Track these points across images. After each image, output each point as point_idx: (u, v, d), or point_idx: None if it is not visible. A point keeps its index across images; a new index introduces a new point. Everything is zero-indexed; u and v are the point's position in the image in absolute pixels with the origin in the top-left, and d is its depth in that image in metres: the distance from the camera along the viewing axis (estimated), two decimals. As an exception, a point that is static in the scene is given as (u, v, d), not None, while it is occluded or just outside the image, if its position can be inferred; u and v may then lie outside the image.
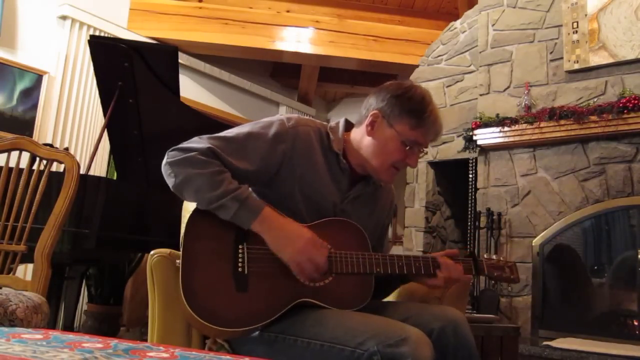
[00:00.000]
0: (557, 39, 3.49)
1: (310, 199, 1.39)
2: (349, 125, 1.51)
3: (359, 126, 1.47)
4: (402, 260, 1.39)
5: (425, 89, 1.46)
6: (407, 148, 1.40)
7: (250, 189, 1.36)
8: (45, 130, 3.98)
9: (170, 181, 1.31)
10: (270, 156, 1.35)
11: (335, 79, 6.07)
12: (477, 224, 3.63)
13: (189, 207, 1.40)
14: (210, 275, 1.25)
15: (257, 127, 1.39)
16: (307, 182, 1.39)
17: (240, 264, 1.27)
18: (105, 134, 2.87)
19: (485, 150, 3.68)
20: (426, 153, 1.48)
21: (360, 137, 1.45)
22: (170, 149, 1.32)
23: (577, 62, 3.35)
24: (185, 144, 1.32)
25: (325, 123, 1.51)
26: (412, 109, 1.39)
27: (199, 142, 1.31)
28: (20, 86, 3.90)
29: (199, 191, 1.27)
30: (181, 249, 1.26)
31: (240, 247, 1.28)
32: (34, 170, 1.83)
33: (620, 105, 3.04)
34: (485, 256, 1.54)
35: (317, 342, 1.20)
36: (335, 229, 1.38)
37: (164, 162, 1.31)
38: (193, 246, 1.27)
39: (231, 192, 1.26)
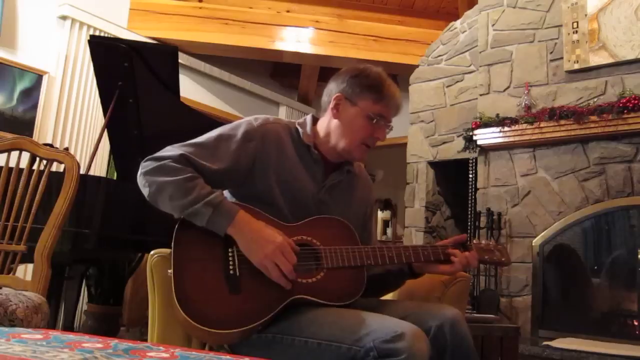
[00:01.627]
0: (557, 39, 3.49)
1: (288, 193, 1.41)
2: (316, 121, 1.55)
3: (324, 114, 1.51)
4: (392, 251, 1.41)
5: (379, 68, 1.51)
6: (374, 122, 1.44)
7: (223, 194, 1.38)
8: (45, 130, 3.98)
9: (145, 191, 1.32)
10: (241, 155, 1.38)
11: (335, 79, 6.06)
12: (477, 224, 3.63)
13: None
14: (203, 280, 1.26)
15: (227, 129, 1.42)
16: (283, 176, 1.41)
17: (231, 267, 1.28)
18: (105, 134, 2.87)
19: (485, 150, 3.68)
20: (391, 128, 1.52)
21: (327, 122, 1.49)
22: (144, 159, 1.34)
23: (577, 62, 3.35)
24: (158, 153, 1.34)
25: (293, 120, 1.54)
26: (371, 85, 1.45)
27: (171, 150, 1.34)
28: (20, 86, 3.90)
29: (172, 198, 1.28)
30: (171, 258, 1.27)
31: (230, 249, 1.29)
32: (34, 170, 1.82)
33: (620, 105, 3.04)
34: (475, 241, 1.56)
35: (314, 341, 1.21)
36: (322, 226, 1.40)
37: (138, 173, 1.33)
38: (183, 254, 1.28)
39: (204, 197, 1.27)
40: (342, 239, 1.41)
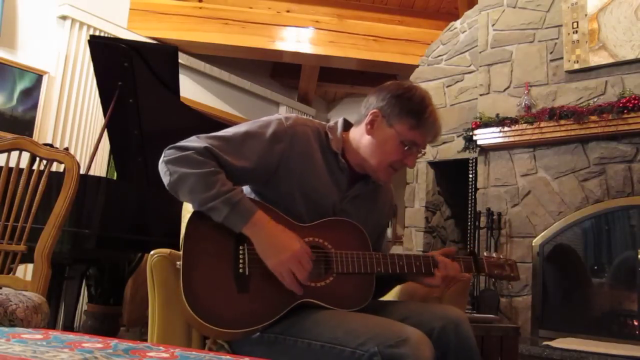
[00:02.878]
0: (557, 39, 3.49)
1: (309, 199, 1.38)
2: (347, 125, 1.51)
3: (358, 125, 1.46)
4: (402, 260, 1.39)
5: (425, 90, 1.46)
6: (406, 148, 1.40)
7: (244, 191, 1.35)
8: (45, 130, 3.98)
9: (165, 180, 1.31)
10: (267, 155, 1.35)
11: (335, 79, 6.07)
12: (477, 224, 3.63)
13: (189, 207, 1.40)
14: (211, 276, 1.24)
15: (255, 126, 1.38)
16: (306, 181, 1.38)
17: (241, 265, 1.26)
18: (105, 134, 2.87)
19: (485, 150, 3.68)
20: (424, 154, 1.50)
21: (360, 136, 1.45)
22: (168, 147, 1.32)
23: (577, 62, 3.35)
24: (182, 143, 1.32)
25: (324, 123, 1.51)
26: (412, 110, 1.39)
27: (196, 141, 1.31)
28: (20, 86, 3.90)
29: (192, 191, 1.26)
30: (182, 251, 1.26)
31: (241, 247, 1.28)
32: (34, 170, 1.83)
33: (620, 105, 3.04)
34: (485, 254, 1.53)
35: (317, 343, 1.20)
36: (336, 228, 1.38)
37: (160, 160, 1.32)
38: (193, 247, 1.26)
39: (223, 195, 1.25)
40: (354, 243, 1.38)
